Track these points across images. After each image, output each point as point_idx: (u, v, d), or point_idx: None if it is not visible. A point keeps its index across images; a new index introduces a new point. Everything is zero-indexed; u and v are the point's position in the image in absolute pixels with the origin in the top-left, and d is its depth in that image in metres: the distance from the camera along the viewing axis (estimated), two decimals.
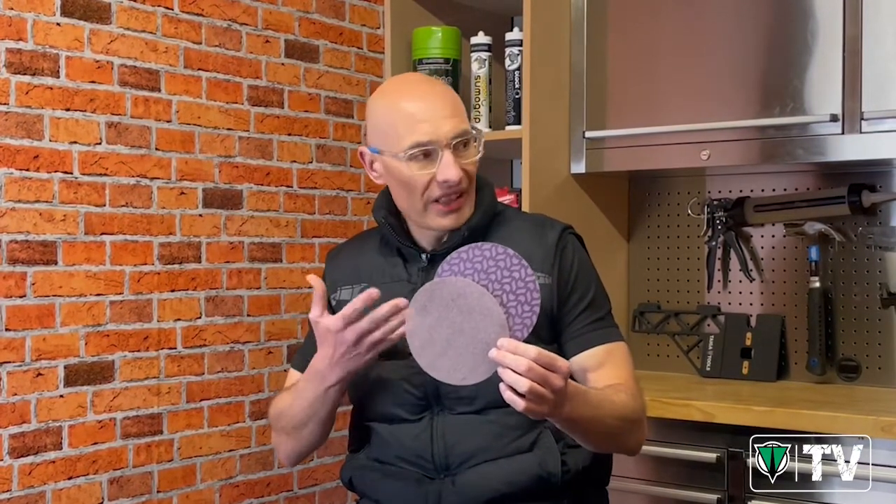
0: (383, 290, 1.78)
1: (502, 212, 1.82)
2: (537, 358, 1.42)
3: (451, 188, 1.68)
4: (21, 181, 2.14)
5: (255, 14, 2.59)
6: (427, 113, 1.68)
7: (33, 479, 2.15)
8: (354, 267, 1.84)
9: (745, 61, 2.46)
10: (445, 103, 1.69)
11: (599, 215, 2.84)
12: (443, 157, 1.66)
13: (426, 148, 1.67)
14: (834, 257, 2.61)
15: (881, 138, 2.26)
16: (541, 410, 1.45)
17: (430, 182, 1.68)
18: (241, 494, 2.57)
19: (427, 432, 1.71)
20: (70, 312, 2.21)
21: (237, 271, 2.56)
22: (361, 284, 1.81)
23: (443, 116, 1.67)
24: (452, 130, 1.67)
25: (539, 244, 1.74)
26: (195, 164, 2.46)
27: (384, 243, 1.82)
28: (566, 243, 1.76)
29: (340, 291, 1.84)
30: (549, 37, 2.63)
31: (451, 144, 1.67)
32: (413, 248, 1.77)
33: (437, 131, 1.66)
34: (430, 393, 1.71)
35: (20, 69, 2.13)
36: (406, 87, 1.76)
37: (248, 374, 2.59)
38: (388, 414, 1.76)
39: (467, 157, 1.69)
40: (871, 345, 2.56)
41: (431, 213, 1.72)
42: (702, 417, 2.24)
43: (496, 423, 1.69)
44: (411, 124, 1.68)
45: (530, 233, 1.76)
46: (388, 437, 1.75)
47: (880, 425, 2.03)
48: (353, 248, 1.89)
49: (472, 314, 1.49)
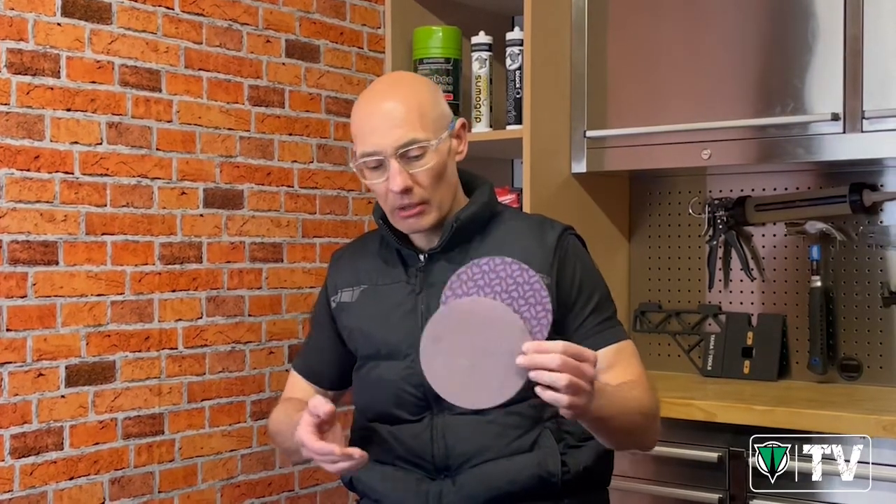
0: (383, 291, 1.79)
1: (502, 212, 1.82)
2: (566, 350, 1.42)
3: (403, 198, 1.69)
4: (22, 181, 2.14)
5: (255, 14, 2.59)
6: (375, 122, 1.69)
7: (35, 479, 2.15)
8: (355, 269, 1.85)
9: (746, 61, 2.46)
10: (396, 112, 1.68)
11: (600, 215, 2.83)
12: (390, 167, 1.67)
13: (374, 158, 1.69)
14: (835, 256, 2.61)
15: (882, 137, 2.25)
16: (581, 403, 1.45)
17: (388, 191, 1.69)
18: (243, 494, 2.57)
19: (427, 432, 1.71)
20: (71, 313, 2.22)
21: (238, 271, 2.56)
22: (361, 286, 1.82)
23: (390, 126, 1.67)
24: (397, 140, 1.67)
25: (538, 244, 1.74)
26: (196, 164, 2.46)
27: (384, 245, 1.82)
28: (567, 244, 1.76)
29: (341, 294, 1.85)
30: (550, 36, 2.63)
31: (397, 154, 1.67)
32: (410, 250, 1.77)
33: (382, 141, 1.68)
34: (429, 393, 1.71)
35: (21, 69, 2.13)
36: (369, 94, 1.77)
37: (250, 374, 2.59)
38: (387, 414, 1.76)
39: (419, 165, 1.68)
40: (872, 344, 2.56)
41: (396, 218, 1.74)
42: (703, 417, 2.24)
43: (496, 422, 1.69)
44: (362, 134, 1.71)
45: (529, 233, 1.76)
46: (389, 437, 1.75)
47: (881, 424, 2.03)
48: (355, 250, 1.90)
49: (488, 329, 1.47)
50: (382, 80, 1.88)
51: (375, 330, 1.78)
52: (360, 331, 1.80)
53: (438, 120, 1.72)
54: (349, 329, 1.83)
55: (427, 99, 1.72)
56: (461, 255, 1.75)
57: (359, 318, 1.81)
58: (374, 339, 1.78)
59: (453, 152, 1.76)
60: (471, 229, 1.76)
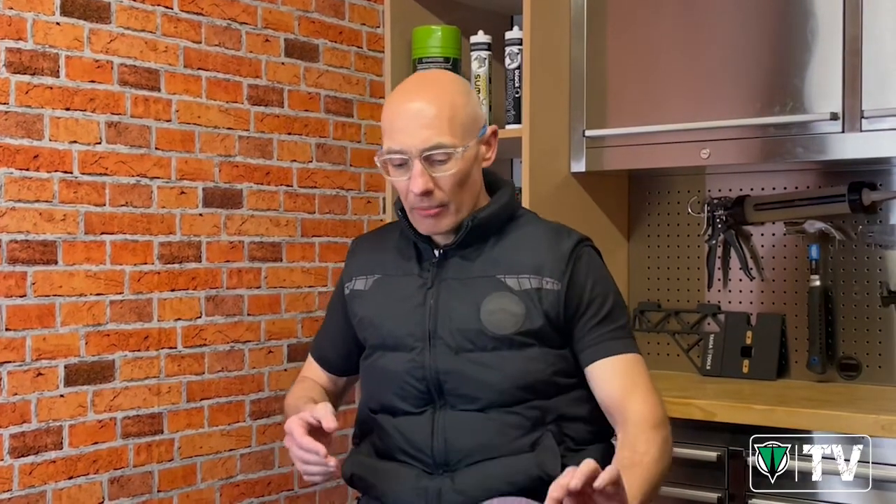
0: (395, 282, 1.81)
1: (521, 215, 1.84)
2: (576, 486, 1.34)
3: (422, 199, 1.69)
4: (21, 181, 2.13)
5: (254, 13, 2.59)
6: (404, 121, 1.69)
7: (34, 478, 2.15)
8: (371, 258, 1.86)
9: (746, 60, 2.46)
10: (426, 113, 1.68)
11: (599, 214, 2.84)
12: (413, 168, 1.67)
13: (399, 156, 1.69)
14: (834, 256, 2.61)
15: (881, 137, 2.25)
16: None
17: (409, 190, 1.69)
18: (242, 494, 2.57)
19: (428, 426, 1.72)
20: (70, 312, 2.21)
21: (237, 271, 2.56)
22: (375, 276, 1.84)
23: (418, 127, 1.67)
24: (424, 143, 1.67)
25: (552, 250, 1.75)
26: (195, 163, 2.46)
27: (403, 237, 1.84)
28: (581, 254, 1.77)
29: (355, 281, 1.87)
30: (549, 35, 2.63)
31: (422, 156, 1.67)
32: (427, 245, 1.78)
33: (409, 141, 1.68)
34: (432, 387, 1.72)
35: (20, 69, 2.13)
36: (402, 90, 1.77)
37: (249, 374, 2.59)
38: (390, 405, 1.77)
39: (443, 170, 1.69)
40: (871, 343, 2.56)
41: (415, 217, 1.75)
42: (702, 416, 2.24)
43: (497, 421, 1.70)
44: (390, 131, 1.71)
45: (545, 239, 1.78)
46: (390, 428, 1.76)
47: (880, 424, 2.03)
48: (374, 240, 1.93)
49: None
50: (418, 77, 1.87)
51: (384, 320, 1.79)
52: (369, 320, 1.82)
53: (469, 125, 1.72)
54: (359, 317, 1.84)
55: (460, 102, 1.71)
56: (475, 253, 1.76)
57: (369, 307, 1.82)
58: (382, 330, 1.79)
59: (480, 158, 1.77)
60: (488, 229, 1.77)
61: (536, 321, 1.71)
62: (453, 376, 1.71)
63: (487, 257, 1.76)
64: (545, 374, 1.73)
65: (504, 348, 1.71)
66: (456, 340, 1.72)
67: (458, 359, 1.72)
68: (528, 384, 1.71)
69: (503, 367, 1.71)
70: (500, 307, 1.72)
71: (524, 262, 1.74)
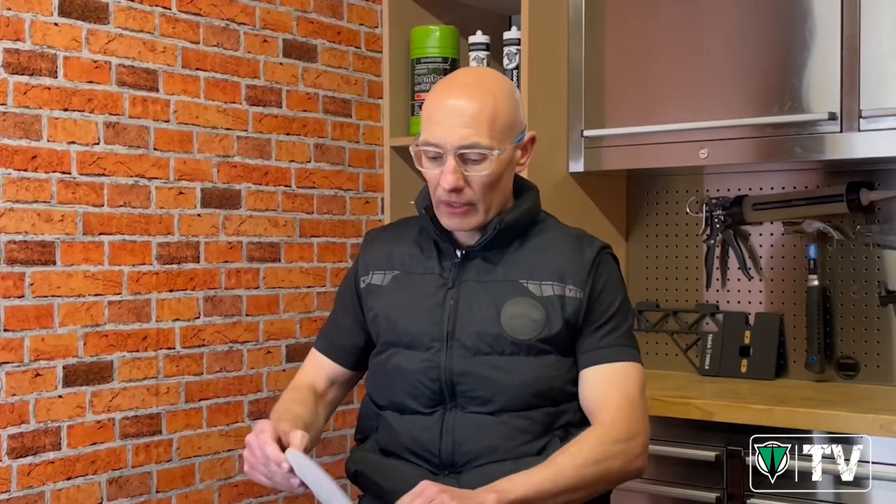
0: (414, 280, 1.80)
1: (544, 220, 1.83)
2: None
3: (450, 194, 1.69)
4: (19, 181, 2.13)
5: (252, 14, 2.58)
6: (444, 115, 1.69)
7: (32, 479, 2.15)
8: (389, 253, 1.85)
9: (744, 59, 2.46)
10: (467, 111, 1.67)
11: (598, 214, 2.84)
12: (446, 163, 1.67)
13: (434, 149, 1.69)
14: (832, 255, 2.61)
15: (879, 136, 2.26)
16: None
17: (439, 184, 1.69)
18: (241, 494, 2.57)
19: (437, 427, 1.72)
20: (68, 313, 2.21)
21: (235, 271, 2.56)
22: (394, 271, 1.83)
23: (457, 123, 1.67)
24: (461, 140, 1.67)
25: (575, 258, 1.75)
26: (193, 163, 2.45)
27: (422, 234, 1.83)
28: (601, 262, 1.78)
29: (372, 275, 1.85)
30: (547, 36, 2.63)
31: (457, 153, 1.67)
32: (449, 244, 1.78)
33: (446, 136, 1.68)
34: (445, 388, 1.72)
35: (18, 69, 2.13)
36: (447, 84, 1.77)
37: (247, 374, 2.59)
38: (400, 403, 1.76)
39: (476, 170, 1.69)
40: (869, 343, 2.56)
41: (441, 212, 1.74)
42: (701, 416, 2.24)
43: (507, 424, 1.70)
44: (429, 123, 1.71)
45: (567, 246, 1.78)
46: (398, 426, 1.76)
47: (879, 423, 2.03)
48: (392, 234, 1.91)
49: None
50: (465, 73, 1.86)
51: (400, 318, 1.78)
52: (385, 316, 1.81)
53: (508, 129, 1.71)
54: (374, 312, 1.83)
55: (503, 105, 1.71)
56: (498, 256, 1.77)
57: (386, 304, 1.81)
58: (398, 327, 1.78)
59: (514, 163, 1.77)
60: (512, 233, 1.77)
61: (555, 328, 1.71)
62: (468, 378, 1.71)
63: (510, 261, 1.76)
64: (559, 381, 1.73)
65: (522, 354, 1.71)
66: (474, 343, 1.72)
67: (475, 361, 1.71)
68: (542, 391, 1.71)
69: (520, 372, 1.71)
70: (521, 312, 1.72)
71: (546, 269, 1.74)
